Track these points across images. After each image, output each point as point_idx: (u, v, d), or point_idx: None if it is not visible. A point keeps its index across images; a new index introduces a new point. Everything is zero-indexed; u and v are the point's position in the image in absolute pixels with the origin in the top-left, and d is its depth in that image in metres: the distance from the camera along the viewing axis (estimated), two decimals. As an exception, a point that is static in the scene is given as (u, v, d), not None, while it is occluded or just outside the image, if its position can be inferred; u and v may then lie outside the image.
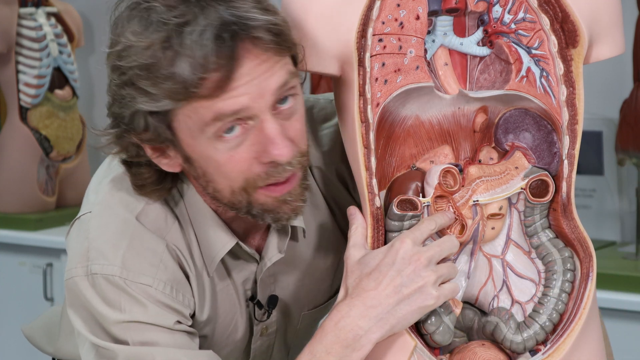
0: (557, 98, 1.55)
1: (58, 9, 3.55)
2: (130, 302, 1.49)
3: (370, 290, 1.43)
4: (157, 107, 1.41)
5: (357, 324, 1.42)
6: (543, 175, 1.55)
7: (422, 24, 1.50)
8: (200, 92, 1.38)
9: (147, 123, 1.43)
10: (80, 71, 3.70)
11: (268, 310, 1.64)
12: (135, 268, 1.50)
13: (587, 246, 1.55)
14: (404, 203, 1.51)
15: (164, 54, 1.38)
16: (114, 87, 1.44)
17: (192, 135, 1.43)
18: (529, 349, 1.53)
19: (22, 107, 3.48)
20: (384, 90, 1.50)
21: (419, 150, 1.56)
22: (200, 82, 1.38)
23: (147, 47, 1.39)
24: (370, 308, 1.43)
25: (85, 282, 1.50)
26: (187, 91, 1.39)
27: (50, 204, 3.57)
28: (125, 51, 1.41)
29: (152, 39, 1.39)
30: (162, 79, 1.39)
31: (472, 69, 1.56)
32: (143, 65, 1.39)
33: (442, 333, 1.50)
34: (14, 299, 3.50)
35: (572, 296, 1.54)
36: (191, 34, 1.38)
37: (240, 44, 1.39)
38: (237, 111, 1.40)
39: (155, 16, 1.39)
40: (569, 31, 1.53)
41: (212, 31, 1.38)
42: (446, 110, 1.55)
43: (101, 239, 1.52)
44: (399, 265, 1.43)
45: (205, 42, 1.37)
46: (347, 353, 1.42)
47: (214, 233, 1.55)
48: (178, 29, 1.38)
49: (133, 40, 1.40)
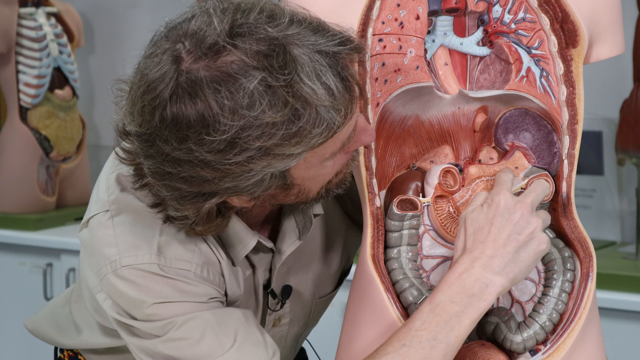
0: (557, 98, 1.55)
1: (58, 9, 3.55)
2: (166, 285, 1.48)
3: (487, 242, 1.45)
4: (296, 162, 1.37)
5: (483, 274, 1.43)
6: (543, 175, 1.55)
7: (422, 24, 1.50)
8: (340, 128, 1.37)
9: (271, 178, 1.38)
10: (80, 71, 3.70)
11: (282, 300, 1.64)
12: (172, 254, 1.49)
13: (587, 246, 1.55)
14: (404, 203, 1.51)
15: (305, 113, 1.32)
16: (227, 167, 1.33)
17: (308, 168, 1.41)
18: (529, 348, 1.53)
19: (22, 107, 3.48)
20: (384, 90, 1.50)
21: (419, 150, 1.56)
22: (343, 121, 1.36)
23: (283, 116, 1.31)
24: (492, 258, 1.44)
25: (115, 277, 1.49)
26: (333, 133, 1.36)
27: (50, 204, 3.57)
28: (248, 130, 1.31)
29: (284, 106, 1.31)
30: (311, 137, 1.33)
31: (472, 69, 1.56)
32: (286, 135, 1.32)
33: (442, 333, 1.50)
34: (14, 299, 3.50)
35: (572, 296, 1.54)
36: (313, 81, 1.32)
37: (344, 67, 1.36)
38: (354, 129, 1.41)
39: (263, 83, 1.30)
40: (569, 31, 1.53)
41: (326, 69, 1.34)
42: (446, 110, 1.55)
43: (130, 233, 1.51)
44: (507, 215, 1.45)
45: (329, 81, 1.33)
46: (474, 302, 1.43)
47: (234, 232, 1.54)
48: (299, 85, 1.31)
49: (257, 116, 1.30)
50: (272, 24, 1.34)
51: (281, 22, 1.34)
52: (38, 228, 3.47)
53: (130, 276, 1.49)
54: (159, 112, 1.33)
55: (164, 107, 1.32)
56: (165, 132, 1.33)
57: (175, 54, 1.33)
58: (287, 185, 1.42)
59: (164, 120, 1.32)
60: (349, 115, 1.36)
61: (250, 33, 1.32)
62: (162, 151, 1.34)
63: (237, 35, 1.32)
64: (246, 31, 1.33)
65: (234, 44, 1.32)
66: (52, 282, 3.41)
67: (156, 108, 1.33)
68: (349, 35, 1.38)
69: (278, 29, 1.33)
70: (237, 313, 1.51)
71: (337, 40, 1.36)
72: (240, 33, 1.33)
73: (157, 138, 1.34)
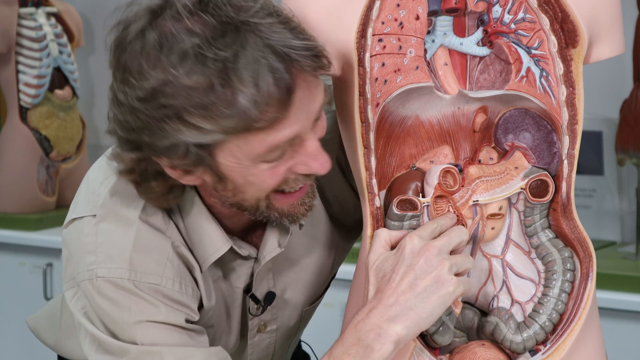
0: (557, 98, 1.55)
1: (58, 9, 3.55)
2: (139, 303, 1.50)
3: (387, 290, 1.42)
4: (207, 140, 1.39)
5: (377, 323, 1.40)
6: (543, 175, 1.55)
7: (422, 24, 1.50)
8: (258, 125, 1.37)
9: (187, 152, 1.41)
10: (80, 71, 3.70)
11: (263, 305, 1.64)
12: (143, 268, 1.51)
13: (587, 246, 1.55)
14: (403, 203, 1.51)
15: (223, 91, 1.35)
16: (146, 118, 1.39)
17: (237, 162, 1.42)
18: (529, 349, 1.53)
19: (22, 107, 3.48)
20: (384, 90, 1.50)
21: (418, 150, 1.56)
22: (261, 117, 1.36)
23: (201, 84, 1.36)
24: (389, 307, 1.40)
25: (90, 287, 1.51)
26: (247, 126, 1.37)
27: (50, 204, 3.57)
28: (168, 86, 1.37)
29: (206, 75, 1.35)
30: (220, 117, 1.36)
31: (472, 69, 1.56)
32: (198, 103, 1.36)
33: (442, 333, 1.50)
34: (14, 299, 3.50)
35: (572, 296, 1.54)
36: (246, 68, 1.35)
37: (293, 74, 1.37)
38: (289, 140, 1.41)
39: (198, 50, 1.36)
40: (569, 31, 1.53)
41: (267, 63, 1.36)
42: (446, 110, 1.55)
43: (109, 242, 1.52)
44: (410, 260, 1.42)
45: (262, 75, 1.35)
46: (367, 353, 1.39)
47: (207, 236, 1.56)
48: (231, 65, 1.35)
49: (179, 76, 1.36)
50: (239, 9, 1.39)
51: (250, 9, 1.39)
52: (38, 228, 3.47)
53: (106, 290, 1.50)
54: (118, 52, 1.42)
55: (122, 50, 1.41)
56: (116, 73, 1.43)
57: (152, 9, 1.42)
58: (219, 176, 1.44)
59: (118, 62, 1.42)
60: (273, 119, 1.37)
61: (215, 9, 1.38)
62: (114, 89, 1.43)
63: (203, 8, 1.39)
64: (213, 7, 1.38)
65: (197, 14, 1.38)
66: (52, 282, 3.41)
67: (117, 47, 1.43)
68: (320, 49, 1.40)
69: (243, 14, 1.38)
70: None
71: (300, 48, 1.38)
72: (206, 8, 1.39)
73: (114, 76, 1.43)
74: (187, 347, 1.50)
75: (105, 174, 1.58)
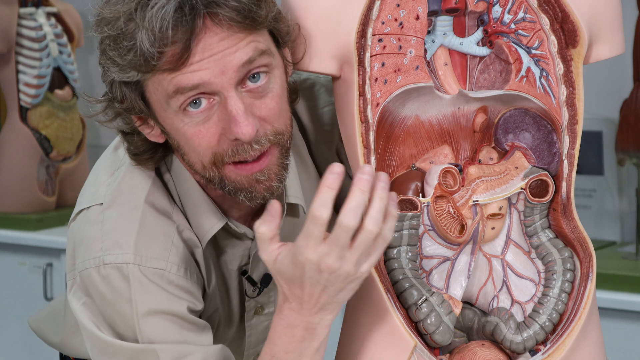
0: (557, 98, 1.55)
1: (58, 9, 3.55)
2: (143, 293, 1.50)
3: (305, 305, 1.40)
4: (126, 78, 1.45)
5: (308, 320, 1.40)
6: (543, 175, 1.55)
7: (422, 24, 1.50)
8: (161, 65, 1.41)
9: (122, 92, 1.47)
10: (80, 71, 3.70)
11: (260, 287, 1.64)
12: (148, 253, 1.51)
13: (587, 246, 1.55)
14: (404, 203, 1.51)
15: (126, 26, 1.42)
16: (99, 57, 1.49)
17: (161, 107, 1.46)
18: (529, 349, 1.53)
19: (22, 107, 3.48)
20: (384, 90, 1.50)
21: (418, 150, 1.56)
22: (159, 56, 1.41)
23: (115, 18, 1.43)
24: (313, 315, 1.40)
25: (96, 275, 1.51)
26: (148, 64, 1.41)
27: (50, 204, 3.57)
28: (99, 21, 1.45)
29: (119, 11, 1.43)
30: (125, 51, 1.42)
31: (472, 69, 1.56)
32: (111, 36, 1.43)
33: (442, 333, 1.50)
34: (14, 299, 3.50)
35: (572, 296, 1.54)
36: (153, 7, 1.40)
37: (200, 19, 1.41)
38: (196, 85, 1.42)
39: None
40: (568, 31, 1.53)
41: (173, 5, 1.40)
42: (446, 110, 1.55)
43: (115, 229, 1.53)
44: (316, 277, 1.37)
45: (164, 16, 1.39)
46: (306, 345, 1.41)
47: (203, 213, 1.57)
48: (143, 2, 1.41)
49: (104, 11, 1.44)
50: None
51: None
52: (38, 228, 3.47)
53: (112, 278, 1.50)
54: None
55: None
56: None
57: None
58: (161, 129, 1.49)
59: None
60: (176, 60, 1.40)
61: None
62: None
63: None
64: None
65: None
66: (52, 282, 3.42)
67: None
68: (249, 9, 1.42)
69: None
70: None
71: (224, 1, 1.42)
72: None
73: None
74: (185, 345, 1.50)
75: (111, 163, 1.59)
